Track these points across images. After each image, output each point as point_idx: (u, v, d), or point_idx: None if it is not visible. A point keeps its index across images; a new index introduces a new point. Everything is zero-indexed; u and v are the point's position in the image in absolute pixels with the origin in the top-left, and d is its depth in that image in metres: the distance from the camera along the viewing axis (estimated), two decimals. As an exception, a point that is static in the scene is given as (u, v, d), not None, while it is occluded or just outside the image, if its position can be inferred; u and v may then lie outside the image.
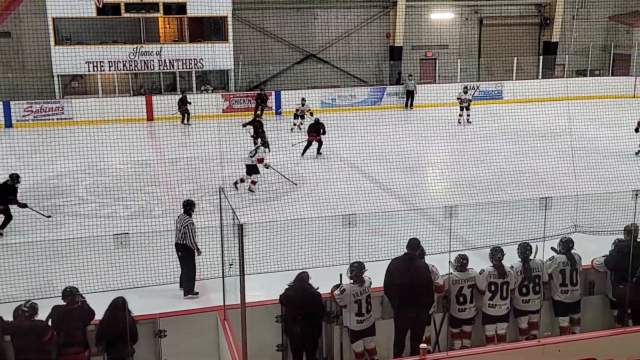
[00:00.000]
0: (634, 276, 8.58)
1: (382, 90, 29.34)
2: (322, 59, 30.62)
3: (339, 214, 9.06)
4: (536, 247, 8.93)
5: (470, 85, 29.68)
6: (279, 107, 27.75)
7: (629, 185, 12.58)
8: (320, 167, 17.25)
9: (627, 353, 7.18)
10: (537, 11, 33.18)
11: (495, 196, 13.87)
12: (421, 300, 8.31)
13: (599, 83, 28.06)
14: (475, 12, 32.42)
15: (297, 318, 8.01)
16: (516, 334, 8.91)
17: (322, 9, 30.29)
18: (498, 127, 22.66)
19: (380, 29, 31.26)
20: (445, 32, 31.91)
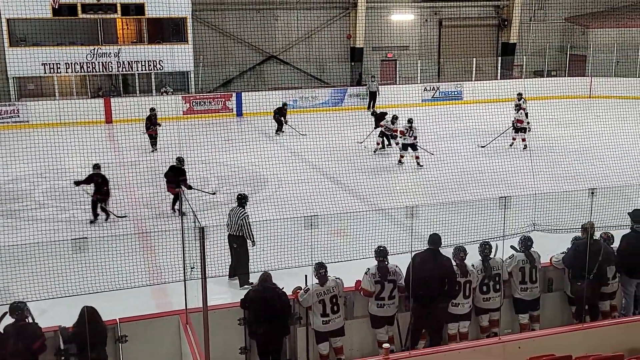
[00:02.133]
0: (590, 273, 8.75)
1: (344, 91, 29.42)
2: (283, 60, 30.58)
3: (301, 216, 9.03)
4: (496, 246, 9.05)
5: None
6: (240, 109, 27.59)
7: (585, 184, 12.83)
8: (282, 168, 17.20)
9: (584, 349, 7.31)
10: (496, 13, 33.67)
11: (456, 196, 14.03)
12: (444, 292, 8.50)
13: (555, 83, 28.61)
14: (435, 14, 32.74)
15: (262, 319, 7.97)
16: (477, 332, 9.02)
17: (283, 10, 30.25)
18: (458, 128, 22.90)
19: (341, 30, 31.34)
20: (405, 34, 32.14)
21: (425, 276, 8.35)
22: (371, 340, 8.82)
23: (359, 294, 8.69)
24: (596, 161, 18.33)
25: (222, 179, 17.39)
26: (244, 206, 11.19)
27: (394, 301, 8.61)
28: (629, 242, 9.32)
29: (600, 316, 9.30)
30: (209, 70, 28.67)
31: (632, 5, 32.49)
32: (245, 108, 27.25)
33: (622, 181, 14.83)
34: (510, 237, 9.31)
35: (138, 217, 14.56)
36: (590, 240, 8.71)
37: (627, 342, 7.68)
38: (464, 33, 32.56)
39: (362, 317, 8.80)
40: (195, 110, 26.89)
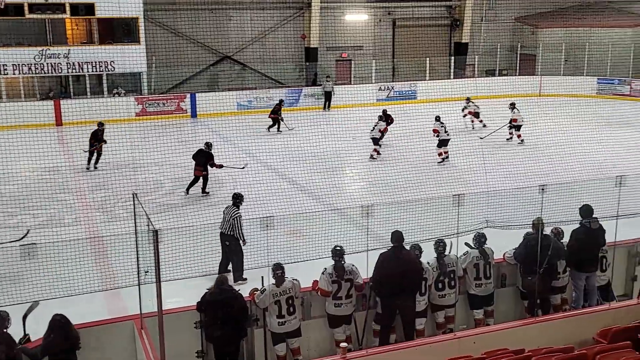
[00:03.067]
0: (541, 268, 8.93)
1: (299, 91, 29.42)
2: (237, 61, 30.42)
3: (257, 217, 8.99)
4: (450, 243, 9.16)
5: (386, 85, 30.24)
6: (194, 110, 27.33)
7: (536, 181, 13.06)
8: (238, 170, 17.09)
9: (537, 342, 7.44)
10: (448, 13, 34.12)
11: (411, 194, 14.14)
12: (413, 287, 8.62)
13: (506, 82, 29.13)
14: (389, 14, 33.00)
15: (219, 322, 7.91)
16: (433, 329, 9.12)
17: (236, 9, 30.09)
18: (413, 127, 23.09)
19: (295, 31, 31.34)
20: (359, 34, 32.31)
21: (396, 272, 8.45)
22: (329, 340, 8.83)
23: (316, 294, 8.70)
24: (546, 158, 18.72)
25: (176, 181, 17.20)
26: (238, 206, 11.38)
27: (351, 300, 8.65)
28: (578, 237, 9.53)
29: (552, 310, 9.50)
30: (162, 71, 28.35)
31: (579, 5, 33.32)
32: (200, 109, 27.02)
33: (571, 177, 15.17)
34: (464, 234, 9.42)
35: (90, 221, 14.30)
36: (540, 236, 8.89)
37: (577, 335, 7.85)
38: (418, 33, 32.90)
39: (319, 317, 8.81)
40: (148, 111, 26.54)
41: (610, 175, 11.34)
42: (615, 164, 16.29)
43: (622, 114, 24.08)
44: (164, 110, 26.71)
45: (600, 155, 18.76)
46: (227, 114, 25.58)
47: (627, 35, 31.63)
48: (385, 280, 8.49)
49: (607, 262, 9.74)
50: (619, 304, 8.83)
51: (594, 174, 15.18)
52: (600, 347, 6.63)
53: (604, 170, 16.58)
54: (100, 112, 23.44)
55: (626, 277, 10.41)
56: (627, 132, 22.18)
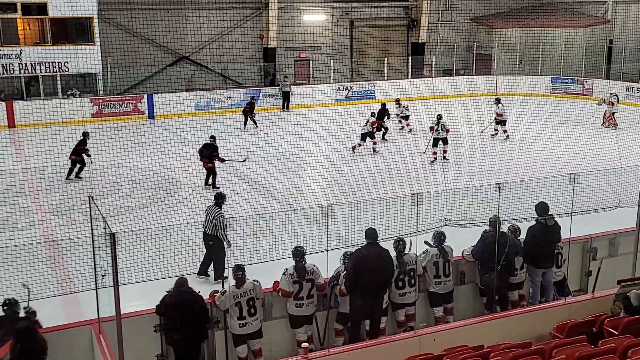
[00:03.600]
0: (499, 265, 9.06)
1: (257, 92, 29.30)
2: (195, 61, 30.15)
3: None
4: (410, 242, 9.22)
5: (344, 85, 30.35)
6: (152, 111, 26.99)
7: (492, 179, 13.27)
8: (196, 171, 16.95)
9: (496, 338, 7.55)
10: (405, 13, 34.37)
11: (370, 193, 14.22)
12: (386, 284, 8.68)
13: (463, 82, 29.50)
14: (346, 14, 33.10)
15: (179, 325, 7.82)
16: (394, 327, 9.17)
17: (193, 9, 29.82)
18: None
19: (253, 31, 31.21)
20: (317, 34, 32.33)
21: (373, 268, 8.49)
22: (290, 341, 8.82)
23: (277, 294, 8.68)
24: (502, 156, 19.02)
25: (134, 183, 16.97)
26: (220, 206, 11.35)
27: (312, 300, 8.65)
28: (535, 233, 9.70)
29: (510, 306, 9.64)
30: (118, 72, 27.91)
31: (532, 6, 33.96)
32: (157, 110, 26.69)
33: (527, 175, 15.46)
34: (423, 232, 9.52)
35: (45, 225, 14.01)
36: (497, 233, 9.02)
37: (534, 330, 7.99)
38: (375, 33, 33.08)
39: (280, 317, 8.79)
40: (104, 113, 26.11)
41: (564, 172, 11.59)
42: (569, 162, 16.63)
43: (575, 113, 24.61)
44: (120, 112, 26.31)
45: (554, 153, 19.14)
46: (185, 115, 25.35)
47: (579, 36, 32.35)
48: (361, 277, 8.48)
49: (562, 258, 9.93)
50: (574, 299, 9.02)
51: (549, 171, 15.49)
52: (557, 341, 6.75)
53: (558, 168, 16.93)
54: (54, 113, 22.97)
55: (581, 273, 10.62)
56: (580, 130, 22.68)
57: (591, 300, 8.55)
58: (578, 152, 16.95)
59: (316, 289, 8.65)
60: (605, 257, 10.55)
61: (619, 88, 28.28)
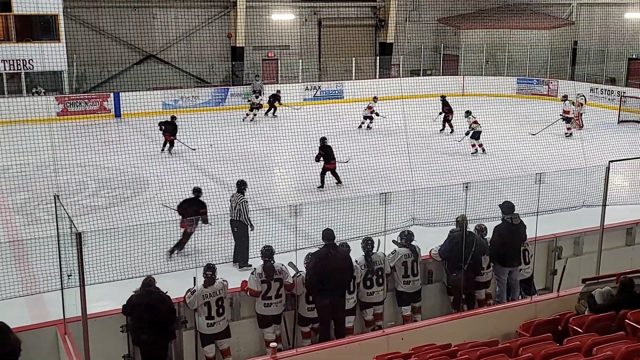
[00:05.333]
0: (465, 264, 9.16)
1: (225, 90, 29.16)
2: (162, 60, 29.87)
3: (185, 218, 8.86)
4: (378, 241, 9.27)
5: (313, 85, 30.34)
6: (118, 110, 26.66)
7: (460, 178, 13.41)
8: (164, 170, 16.80)
9: (463, 336, 7.62)
10: (373, 13, 34.49)
11: (339, 193, 14.25)
12: (346, 284, 8.73)
13: (431, 82, 29.70)
14: (314, 14, 33.10)
15: (146, 325, 7.75)
16: (362, 326, 9.20)
17: (161, 8, 29.53)
18: (339, 126, 23.24)
19: (221, 29, 31.03)
20: (286, 33, 32.29)
21: (332, 269, 8.53)
22: (258, 340, 8.80)
23: (245, 294, 8.66)
24: (469, 156, 19.21)
25: (101, 182, 16.76)
26: (243, 192, 11.90)
27: (280, 300, 8.65)
28: (501, 232, 9.82)
29: (477, 304, 9.75)
30: (85, 70, 27.52)
31: (498, 8, 34.36)
32: (124, 109, 26.38)
33: (494, 175, 15.63)
34: (391, 232, 9.57)
35: (10, 224, 13.76)
36: (464, 233, 9.11)
37: (501, 328, 8.09)
38: (343, 33, 33.13)
39: (248, 317, 8.78)
40: (70, 111, 25.72)
41: (530, 172, 11.74)
42: (535, 162, 16.87)
43: (541, 113, 24.97)
44: (86, 110, 25.96)
45: (520, 153, 19.39)
46: (153, 114, 25.08)
47: (544, 37, 32.84)
48: (320, 278, 8.52)
49: (529, 254, 10.07)
50: (540, 298, 9.15)
51: (515, 171, 15.67)
52: (523, 339, 6.84)
53: (524, 167, 17.15)
54: (19, 112, 22.58)
55: (546, 271, 10.79)
56: (545, 130, 23.02)
57: (556, 299, 8.68)
58: (543, 153, 17.19)
59: (284, 288, 8.65)
60: (570, 256, 10.74)
61: (583, 89, 28.78)
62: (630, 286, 7.50)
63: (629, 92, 27.51)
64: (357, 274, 8.95)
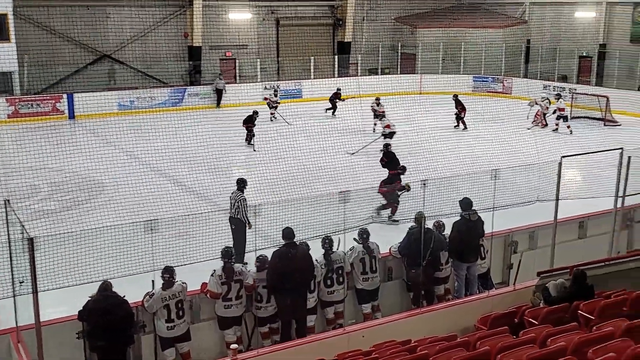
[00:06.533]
0: (424, 260, 9.24)
1: (183, 90, 28.87)
2: (117, 60, 29.40)
3: (141, 220, 8.73)
4: (338, 239, 9.30)
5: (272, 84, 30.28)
6: (72, 111, 26.14)
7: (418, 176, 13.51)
8: (119, 172, 16.53)
9: (423, 332, 7.68)
10: (331, 12, 34.55)
11: (298, 192, 14.23)
12: (307, 283, 8.75)
13: (389, 81, 29.87)
14: (272, 13, 33.00)
15: (103, 330, 7.62)
16: (323, 325, 9.22)
17: (114, 7, 29.05)
18: (299, 125, 23.28)
19: (177, 29, 30.69)
20: (243, 32, 32.13)
21: (293, 268, 8.52)
22: (219, 342, 8.74)
23: (205, 296, 8.59)
24: (427, 154, 19.37)
25: (54, 186, 16.41)
26: (242, 190, 11.96)
27: (241, 301, 8.61)
28: (459, 228, 9.95)
29: (436, 300, 9.85)
30: (36, 71, 26.88)
31: (453, 7, 34.79)
32: (78, 110, 25.87)
33: (451, 172, 15.79)
34: (350, 230, 9.60)
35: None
36: (422, 229, 9.20)
37: (460, 323, 8.18)
38: (301, 32, 33.12)
39: (208, 319, 8.71)
40: (21, 113, 25.15)
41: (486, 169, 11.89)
42: (491, 158, 17.10)
43: (496, 110, 25.36)
44: (38, 112, 25.39)
45: (477, 149, 19.65)
46: (108, 115, 24.71)
47: (498, 36, 33.34)
48: (281, 277, 8.49)
49: (485, 249, 10.22)
50: (497, 291, 9.29)
51: (472, 168, 15.87)
52: (481, 333, 6.93)
53: (480, 164, 17.36)
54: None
55: (503, 266, 10.97)
56: (501, 127, 23.40)
57: (513, 292, 8.82)
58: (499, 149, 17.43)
59: (245, 289, 8.61)
60: (525, 250, 10.94)
61: (536, 86, 29.35)
62: (583, 278, 7.66)
63: (580, 89, 28.13)
64: (318, 273, 8.96)
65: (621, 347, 4.94)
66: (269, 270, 8.66)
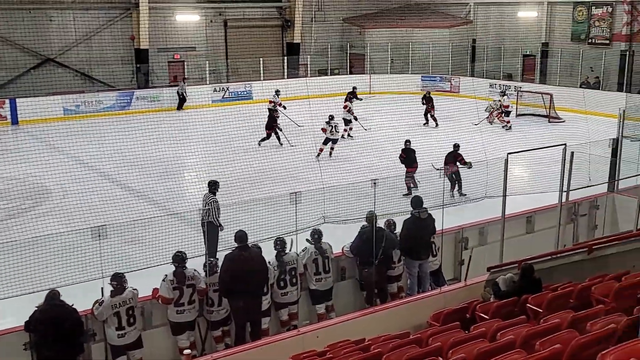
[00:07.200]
0: (376, 259, 9.31)
1: (131, 94, 28.40)
2: (61, 64, 28.73)
3: (89, 227, 8.56)
4: (291, 241, 9.29)
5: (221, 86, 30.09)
6: (15, 117, 25.44)
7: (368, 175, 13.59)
8: (66, 178, 16.17)
9: (377, 330, 7.72)
10: (279, 14, 34.50)
11: (249, 194, 14.16)
12: (261, 286, 8.70)
13: (339, 81, 29.99)
14: (220, 14, 32.76)
15: (51, 340, 7.44)
16: (278, 327, 9.19)
17: (57, 10, 28.39)
18: (249, 127, 23.13)
19: (123, 32, 30.18)
20: (191, 34, 31.82)
21: (246, 271, 8.47)
22: (172, 348, 8.64)
23: (157, 302, 8.47)
24: (377, 153, 19.52)
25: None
26: (214, 192, 11.93)
27: (194, 306, 8.53)
28: (410, 226, 10.05)
29: (389, 298, 9.93)
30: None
31: (400, 7, 35.16)
32: (21, 115, 25.20)
33: (401, 171, 15.93)
34: (302, 231, 9.60)
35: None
36: (374, 228, 9.27)
37: (413, 320, 8.26)
38: (250, 33, 32.99)
39: (161, 325, 8.60)
40: (-39, 119, 24.37)
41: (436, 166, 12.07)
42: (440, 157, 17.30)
43: (444, 109, 25.73)
44: (-20, 117, 24.65)
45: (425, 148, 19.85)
46: (53, 120, 24.12)
47: (445, 36, 33.84)
48: (234, 280, 8.45)
49: (436, 246, 10.35)
50: (449, 288, 9.41)
51: (421, 166, 16.04)
52: (433, 329, 7.01)
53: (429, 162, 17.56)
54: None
55: (454, 262, 11.14)
56: (448, 125, 23.74)
57: (464, 288, 8.95)
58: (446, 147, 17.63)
59: (197, 294, 8.53)
60: (475, 246, 11.12)
61: (482, 85, 29.89)
62: (531, 272, 7.83)
63: (525, 87, 28.76)
64: (271, 274, 8.94)
65: (567, 339, 5.06)
66: (221, 274, 8.60)
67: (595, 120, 21.12)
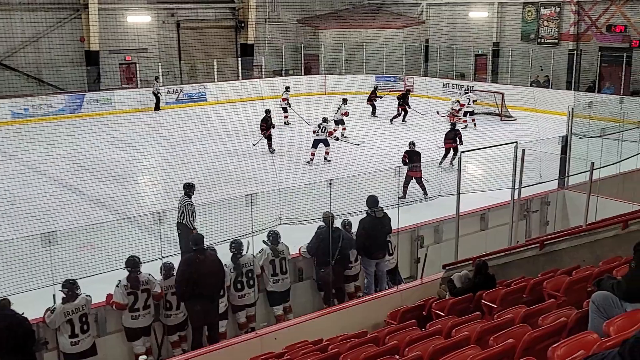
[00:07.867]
0: (334, 259, 9.33)
1: (81, 97, 27.85)
2: (8, 66, 28.01)
3: (39, 233, 8.36)
4: (247, 243, 9.24)
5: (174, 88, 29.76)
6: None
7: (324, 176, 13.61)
8: (14, 183, 15.77)
9: (335, 330, 7.75)
10: (232, 14, 34.31)
11: (205, 197, 14.04)
12: (217, 289, 8.66)
13: (293, 82, 29.98)
14: (172, 15, 32.41)
15: (3, 349, 7.26)
16: (236, 330, 9.14)
17: (3, 11, 27.67)
18: (204, 129, 22.96)
19: (73, 33, 29.58)
20: (143, 36, 31.36)
21: (203, 274, 8.41)
22: (128, 354, 8.51)
23: (112, 308, 8.33)
24: (334, 153, 19.57)
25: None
26: (189, 195, 11.83)
27: (149, 310, 8.42)
28: (366, 226, 10.10)
29: (347, 298, 9.96)
30: None
31: (354, 8, 35.33)
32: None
33: (357, 170, 15.99)
34: (258, 232, 9.57)
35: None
36: (330, 229, 9.29)
37: (370, 319, 8.31)
38: (203, 35, 32.70)
39: (115, 331, 8.46)
40: None
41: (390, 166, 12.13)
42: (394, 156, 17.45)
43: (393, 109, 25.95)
44: None
45: (380, 148, 20.00)
46: (1, 124, 23.53)
47: (398, 36, 34.15)
48: (191, 283, 8.37)
49: (392, 245, 10.43)
50: (405, 286, 9.49)
51: (377, 166, 16.13)
52: (390, 328, 7.05)
53: (386, 162, 17.69)
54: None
55: (410, 260, 11.24)
56: (403, 125, 23.94)
57: (420, 286, 9.04)
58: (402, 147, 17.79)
59: (153, 298, 8.42)
60: (431, 244, 11.25)
61: (436, 85, 30.24)
62: (485, 268, 7.94)
63: (477, 86, 29.21)
64: (227, 277, 8.88)
65: (520, 333, 5.13)
66: (177, 277, 8.51)
67: (545, 118, 21.56)
